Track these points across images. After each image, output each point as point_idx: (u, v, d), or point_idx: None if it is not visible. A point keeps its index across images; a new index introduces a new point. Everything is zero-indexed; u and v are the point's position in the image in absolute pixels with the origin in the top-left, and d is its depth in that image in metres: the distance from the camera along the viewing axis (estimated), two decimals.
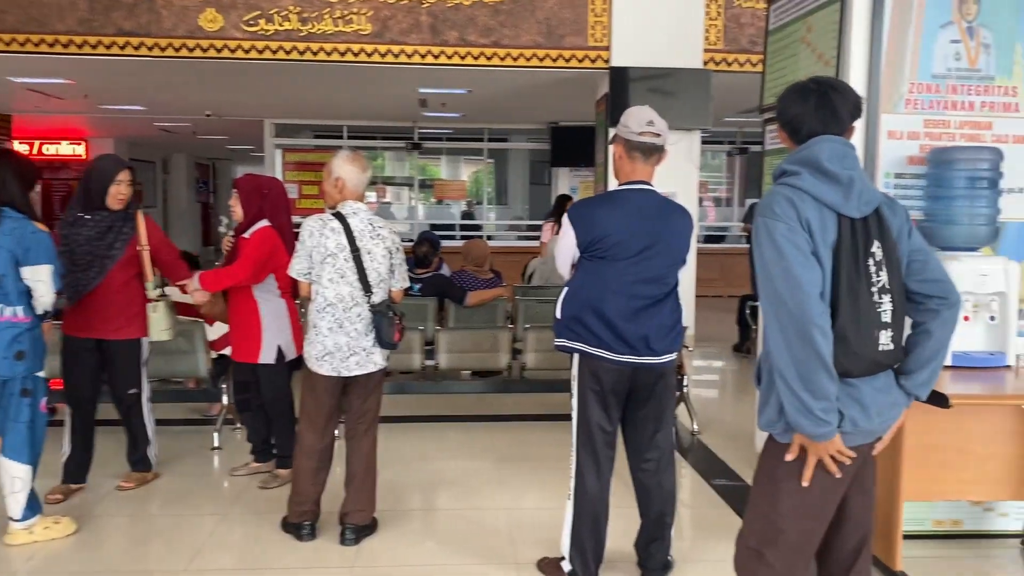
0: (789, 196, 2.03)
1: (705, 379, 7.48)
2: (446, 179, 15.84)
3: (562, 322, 2.99)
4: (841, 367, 1.99)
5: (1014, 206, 3.46)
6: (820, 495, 2.10)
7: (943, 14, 3.43)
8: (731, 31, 8.24)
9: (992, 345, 3.22)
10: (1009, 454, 3.28)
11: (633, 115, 3.00)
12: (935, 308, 2.11)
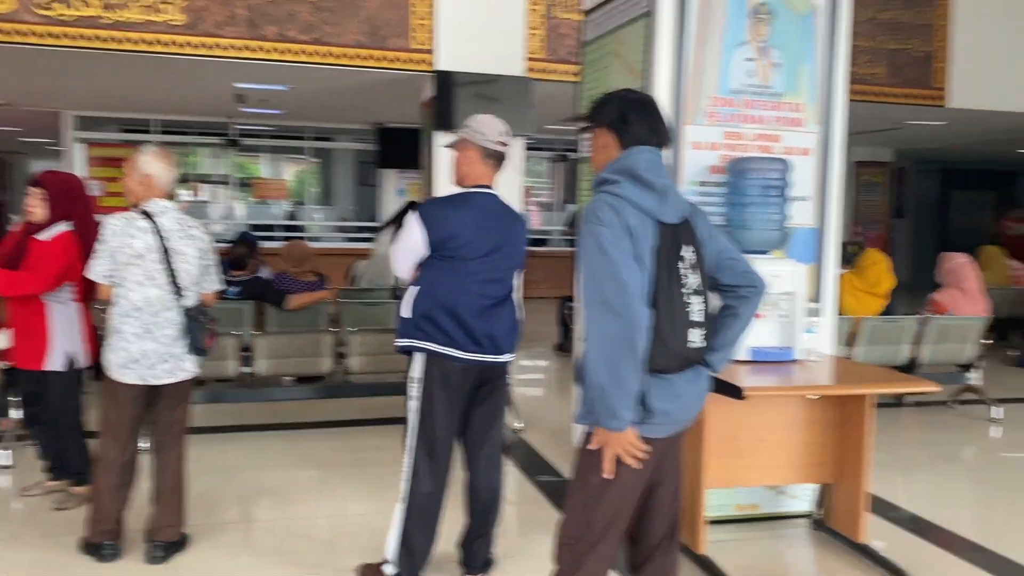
0: (612, 204, 2.13)
1: (529, 378, 7.65)
2: (267, 178, 15.29)
3: (411, 321, 2.97)
4: (657, 364, 2.12)
5: (800, 213, 3.78)
6: (630, 482, 2.22)
7: (739, 34, 3.70)
8: (552, 41, 8.49)
9: (782, 341, 3.49)
10: (798, 441, 3.59)
11: (488, 123, 3.09)
12: (746, 295, 2.34)
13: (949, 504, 4.37)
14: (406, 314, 2.99)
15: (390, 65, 8.06)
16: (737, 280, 2.32)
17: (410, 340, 2.98)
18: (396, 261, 3.09)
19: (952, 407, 6.27)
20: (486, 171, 3.08)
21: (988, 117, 10.32)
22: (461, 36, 8.14)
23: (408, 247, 3.01)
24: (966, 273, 6.35)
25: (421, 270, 3.02)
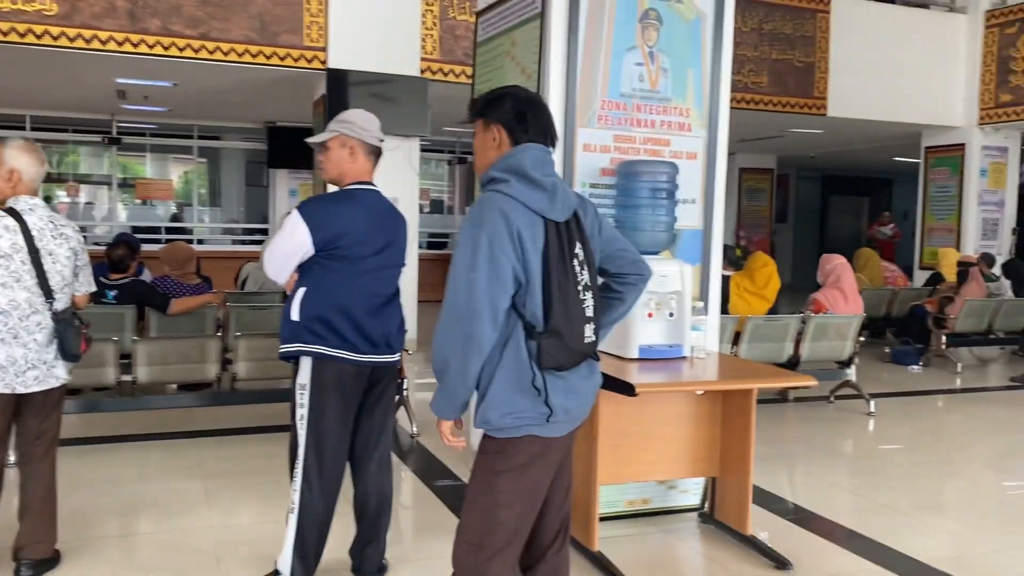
0: (502, 206, 2.11)
1: (427, 382, 7.59)
2: (151, 178, 14.67)
3: (301, 324, 2.86)
4: (555, 361, 2.12)
5: (687, 215, 3.88)
6: (535, 481, 2.21)
7: (629, 38, 3.77)
8: (447, 42, 8.46)
9: (671, 338, 3.57)
10: (687, 435, 3.68)
11: (367, 118, 3.02)
12: (633, 282, 2.40)
13: (829, 494, 4.56)
14: (295, 317, 2.88)
15: (281, 63, 7.87)
16: (626, 268, 2.37)
17: (300, 345, 2.88)
18: (273, 264, 2.94)
19: (832, 402, 6.57)
20: (369, 167, 3.02)
21: (864, 126, 10.89)
22: (355, 34, 8.03)
23: (290, 249, 2.88)
24: (844, 274, 6.67)
25: (304, 272, 2.91)
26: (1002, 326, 8.52)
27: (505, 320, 2.12)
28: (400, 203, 9.95)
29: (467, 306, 2.07)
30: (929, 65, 10.54)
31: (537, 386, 2.12)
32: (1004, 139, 10.85)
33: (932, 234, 11.22)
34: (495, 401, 2.14)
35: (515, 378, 2.12)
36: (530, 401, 2.13)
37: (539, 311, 2.12)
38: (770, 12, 9.58)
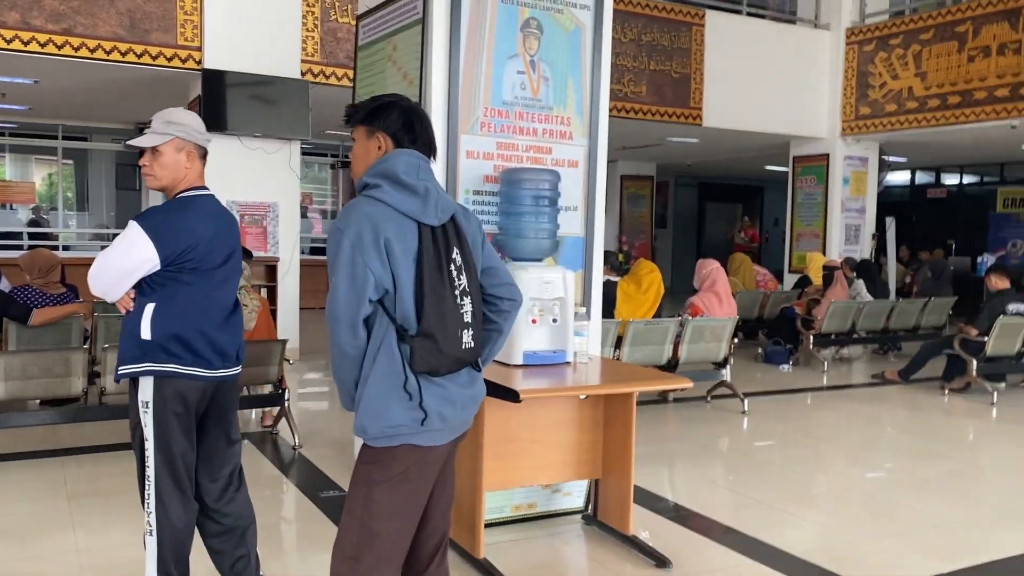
0: (370, 213, 2.09)
1: (310, 391, 7.42)
2: (11, 181, 13.77)
3: (153, 343, 2.68)
4: (428, 365, 2.10)
5: (569, 222, 3.94)
6: (412, 492, 2.18)
7: (510, 46, 3.80)
8: (328, 44, 8.32)
9: (555, 344, 3.61)
10: (571, 440, 3.73)
11: (197, 119, 2.83)
12: (507, 309, 2.36)
13: (707, 492, 4.72)
14: (146, 336, 2.67)
15: (153, 61, 7.55)
16: (499, 292, 2.34)
17: (150, 364, 2.68)
18: (104, 280, 2.70)
19: (709, 402, 6.81)
20: (202, 171, 2.84)
21: (737, 136, 11.37)
22: (233, 35, 7.79)
23: (130, 265, 2.66)
24: (719, 278, 6.93)
25: (149, 287, 2.70)
26: (864, 326, 9.05)
27: (376, 324, 2.10)
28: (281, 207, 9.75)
29: (330, 311, 2.11)
30: (796, 78, 11.11)
31: (409, 390, 2.10)
32: (864, 149, 11.55)
33: (800, 239, 11.82)
34: (370, 408, 2.11)
35: (388, 382, 2.09)
36: (404, 407, 2.10)
37: (411, 314, 2.10)
38: (648, 24, 9.87)
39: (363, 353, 2.13)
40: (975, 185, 16.58)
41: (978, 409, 7.00)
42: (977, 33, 9.72)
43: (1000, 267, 8.21)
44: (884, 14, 11.11)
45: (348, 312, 2.08)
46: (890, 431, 6.55)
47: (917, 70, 10.38)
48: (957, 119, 9.98)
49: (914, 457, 5.66)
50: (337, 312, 2.08)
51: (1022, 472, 5.32)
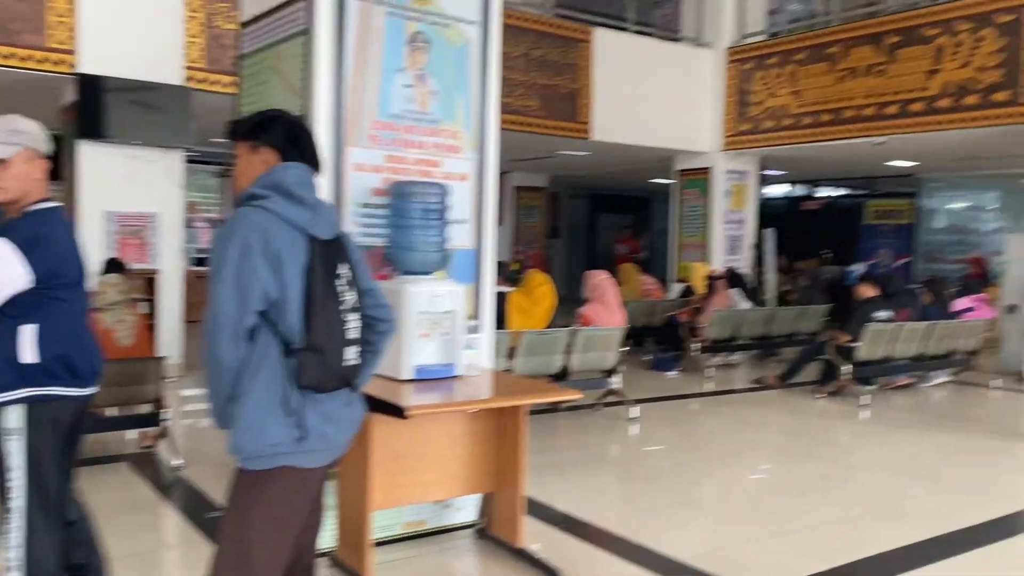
0: (260, 222, 2.04)
1: (193, 409, 7.14)
2: None
3: (38, 366, 2.51)
4: (314, 379, 2.06)
5: (460, 235, 3.94)
6: (289, 516, 2.13)
7: (398, 60, 3.78)
8: (213, 51, 8.08)
9: (445, 358, 3.60)
10: (461, 454, 3.72)
11: (37, 125, 2.64)
12: (383, 331, 2.35)
13: (598, 500, 4.80)
14: (29, 359, 2.51)
15: (21, 64, 7.15)
16: (376, 313, 2.32)
17: (32, 389, 2.51)
18: None
19: (599, 410, 6.94)
20: (47, 180, 2.68)
21: (624, 150, 11.65)
22: (111, 39, 7.46)
23: (2, 282, 2.47)
24: (608, 288, 7.08)
25: (20, 307, 2.52)
26: (745, 333, 9.42)
27: (259, 337, 2.05)
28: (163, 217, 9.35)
29: (212, 321, 2.04)
30: (681, 95, 11.48)
31: (292, 406, 2.05)
32: (744, 164, 12.04)
33: (685, 249, 12.21)
34: (246, 426, 2.05)
35: (268, 399, 2.04)
36: (283, 425, 2.05)
37: (297, 328, 2.06)
38: (538, 39, 10.02)
39: (241, 366, 2.06)
40: (846, 198, 17.53)
41: (850, 411, 7.38)
42: (846, 55, 10.30)
43: (869, 276, 8.72)
44: (762, 34, 11.63)
45: (231, 322, 2.02)
46: (771, 434, 6.83)
47: (792, 89, 10.90)
48: (829, 136, 10.53)
49: (793, 459, 5.92)
50: (219, 322, 2.02)
51: (890, 471, 5.63)
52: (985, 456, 5.99)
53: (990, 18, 8.96)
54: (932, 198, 16.23)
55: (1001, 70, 8.89)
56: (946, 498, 4.91)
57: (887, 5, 10.37)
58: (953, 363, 8.68)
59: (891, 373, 8.25)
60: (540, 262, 16.10)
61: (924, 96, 9.53)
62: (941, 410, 7.82)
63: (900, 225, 15.98)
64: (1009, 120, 8.83)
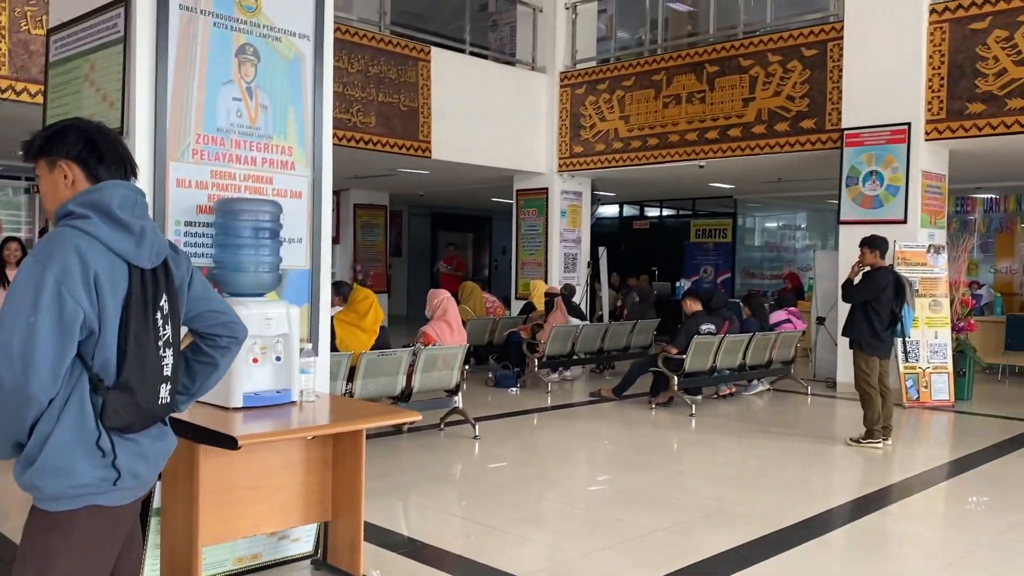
0: (79, 245, 1.87)
1: None
2: None
3: None
4: (121, 420, 1.91)
5: (293, 254, 3.81)
6: (99, 560, 1.96)
7: (224, 72, 3.62)
8: (19, 57, 7.47)
9: (279, 383, 3.46)
10: (297, 483, 3.58)
11: None
12: (226, 345, 2.24)
13: (440, 522, 4.76)
14: None
15: None
16: (219, 331, 2.21)
17: None
18: None
19: (442, 429, 6.90)
20: None
21: (464, 169, 11.74)
22: None
23: None
24: (449, 307, 7.08)
25: None
26: (582, 348, 9.69)
27: (69, 371, 1.87)
28: None
29: (22, 355, 1.79)
30: (518, 116, 11.72)
31: (103, 446, 1.89)
32: (578, 185, 12.43)
33: (525, 267, 12.43)
34: (49, 466, 1.86)
35: (77, 438, 1.87)
36: (93, 464, 1.88)
37: (111, 363, 1.90)
38: (375, 56, 9.93)
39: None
40: (672, 218, 18.47)
41: (680, 420, 7.73)
42: (670, 82, 10.87)
43: (694, 292, 9.18)
44: (592, 60, 12.08)
45: (52, 357, 1.81)
46: (607, 445, 7.04)
47: (621, 113, 11.37)
48: (655, 159, 11.06)
49: (628, 469, 6.11)
50: (36, 357, 1.79)
51: (717, 477, 5.93)
52: (803, 458, 6.43)
53: (798, 51, 9.73)
54: (749, 218, 17.39)
55: (807, 100, 9.66)
56: (768, 500, 5.22)
57: (707, 36, 11.05)
58: (772, 372, 9.29)
59: (716, 383, 8.73)
60: (381, 281, 15.93)
61: (741, 122, 10.20)
62: (762, 417, 8.33)
63: (721, 243, 17.00)
64: (815, 146, 9.61)
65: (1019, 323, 10.57)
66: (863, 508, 5.09)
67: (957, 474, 6.00)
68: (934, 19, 8.64)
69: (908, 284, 6.66)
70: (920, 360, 8.42)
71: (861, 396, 6.63)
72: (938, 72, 8.61)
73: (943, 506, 5.45)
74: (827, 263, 10.01)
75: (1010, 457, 6.44)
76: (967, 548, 4.44)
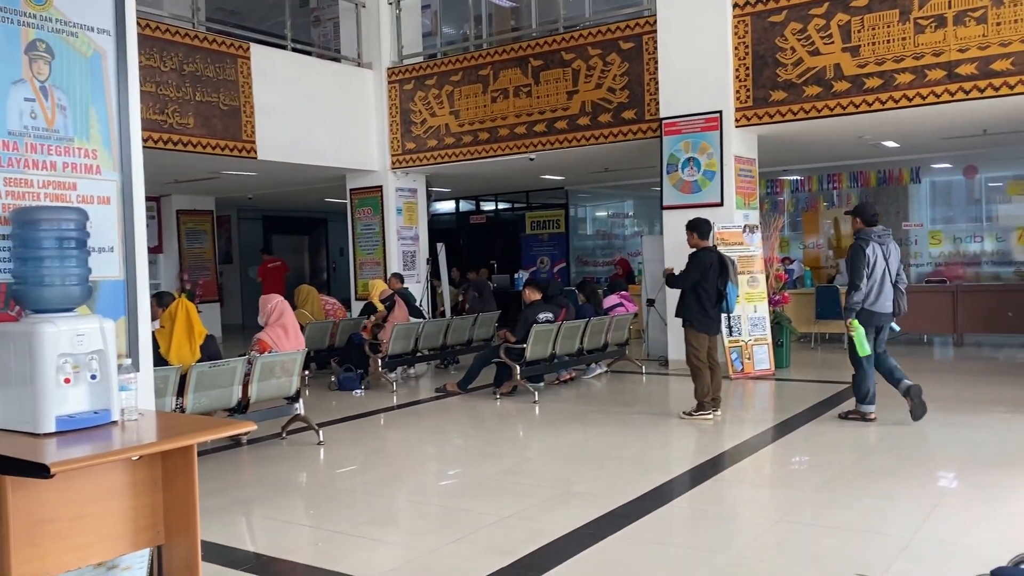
0: None
1: None
2: None
3: None
4: None
5: (105, 265, 3.55)
6: None
7: (14, 70, 3.31)
8: None
9: (96, 404, 3.21)
10: (125, 507, 3.34)
11: None
12: None
13: (287, 533, 4.59)
14: None
15: None
16: None
17: None
18: None
19: (284, 438, 6.68)
20: None
21: (293, 169, 11.41)
22: None
23: None
24: (285, 311, 6.85)
25: None
26: (425, 345, 9.66)
27: None
28: None
29: None
30: (347, 114, 11.51)
31: None
32: (413, 182, 12.37)
33: (363, 267, 12.25)
34: None
35: None
36: None
37: None
38: (190, 54, 9.45)
39: None
40: (508, 211, 18.76)
41: (524, 408, 7.87)
42: (497, 77, 11.01)
43: (532, 281, 9.36)
44: (419, 56, 12.04)
45: None
46: (455, 439, 7.06)
47: (451, 108, 11.41)
48: (487, 153, 11.18)
49: (476, 460, 6.15)
50: None
51: (561, 460, 6.08)
52: (641, 435, 6.70)
53: (616, 44, 10.10)
54: (581, 208, 17.93)
55: (627, 91, 10.05)
56: (612, 478, 5.40)
57: (530, 31, 11.27)
58: (608, 355, 9.63)
59: (557, 369, 8.94)
60: (212, 290, 15.23)
61: (566, 115, 10.49)
62: (602, 398, 8.62)
63: (555, 234, 17.43)
64: (636, 136, 10.03)
65: (827, 294, 11.49)
66: (699, 477, 5.37)
67: (781, 436, 6.45)
68: (737, 13, 9.22)
69: (731, 263, 7.08)
70: (743, 334, 8.98)
71: (691, 371, 7.00)
72: (744, 63, 9.19)
73: (770, 468, 5.84)
74: (654, 247, 10.47)
75: (825, 418, 6.99)
76: (793, 504, 4.78)
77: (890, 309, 6.58)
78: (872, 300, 6.49)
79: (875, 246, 6.49)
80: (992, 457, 5.59)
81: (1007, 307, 10.86)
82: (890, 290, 6.55)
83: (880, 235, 6.57)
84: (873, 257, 6.44)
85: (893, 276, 6.55)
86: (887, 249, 6.56)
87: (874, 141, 11.02)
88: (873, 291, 6.48)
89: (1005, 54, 7.87)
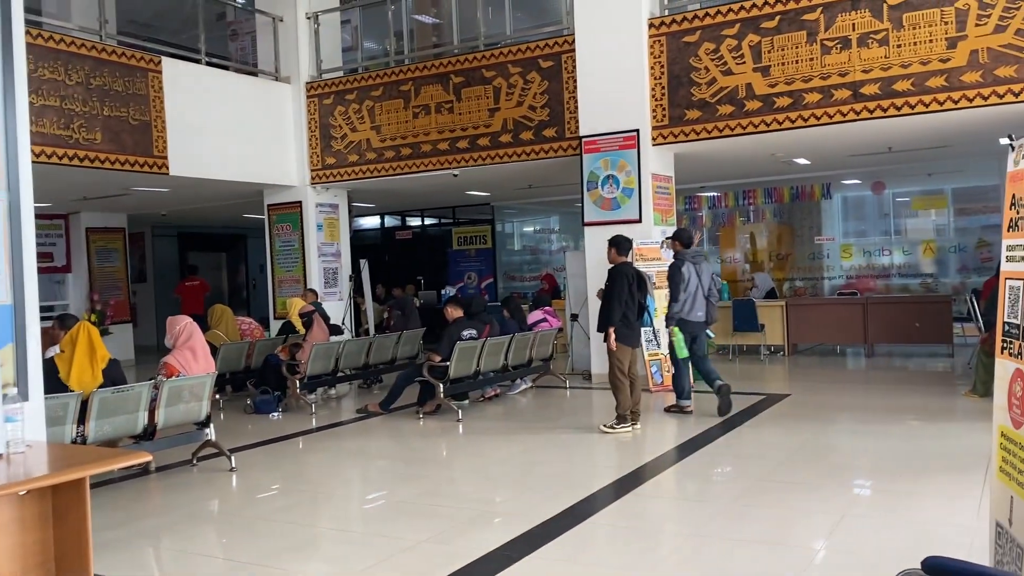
0: None
1: None
2: None
3: None
4: None
5: None
6: None
7: None
8: None
9: None
10: (12, 545, 3.16)
11: None
12: None
13: (196, 564, 4.41)
14: None
15: None
16: None
17: None
18: None
19: (195, 465, 6.44)
20: None
21: (209, 185, 11.12)
22: None
23: None
24: (194, 333, 6.62)
25: None
26: (346, 365, 9.48)
27: None
28: None
29: None
30: (264, 129, 11.29)
31: None
32: (334, 197, 12.19)
33: (282, 285, 11.99)
34: None
35: None
36: None
37: None
38: (97, 67, 9.13)
39: None
40: (435, 226, 18.67)
41: (449, 427, 7.78)
42: (418, 93, 10.95)
43: (454, 299, 9.31)
44: (339, 71, 11.90)
45: None
46: (377, 461, 6.93)
47: (373, 123, 11.30)
48: (410, 168, 11.10)
49: (398, 482, 6.04)
50: None
51: (483, 479, 6.02)
52: (563, 450, 6.70)
53: (536, 63, 10.17)
54: (507, 223, 17.97)
55: (547, 109, 10.12)
56: (532, 496, 5.36)
57: (451, 48, 11.25)
58: (533, 370, 9.63)
59: (481, 386, 8.89)
60: (124, 310, 14.71)
61: (489, 132, 10.49)
62: (527, 414, 8.60)
63: (482, 249, 17.42)
64: (558, 153, 10.09)
65: (743, 307, 11.75)
66: (619, 491, 5.38)
67: (699, 448, 6.52)
68: (653, 33, 9.38)
69: (647, 278, 7.19)
70: (662, 347, 9.08)
71: (613, 385, 7.04)
72: (660, 82, 9.35)
73: (688, 481, 5.89)
74: (577, 263, 10.54)
75: (742, 428, 7.11)
76: (708, 517, 4.82)
77: (703, 318, 7.69)
78: (687, 311, 7.57)
79: (689, 265, 7.57)
80: (901, 465, 5.76)
81: (915, 318, 11.28)
82: (703, 302, 7.64)
83: (694, 256, 7.70)
84: (688, 275, 7.51)
85: (705, 290, 7.63)
86: (700, 268, 7.66)
87: (786, 158, 11.34)
88: (687, 303, 7.55)
89: (906, 75, 8.19)
